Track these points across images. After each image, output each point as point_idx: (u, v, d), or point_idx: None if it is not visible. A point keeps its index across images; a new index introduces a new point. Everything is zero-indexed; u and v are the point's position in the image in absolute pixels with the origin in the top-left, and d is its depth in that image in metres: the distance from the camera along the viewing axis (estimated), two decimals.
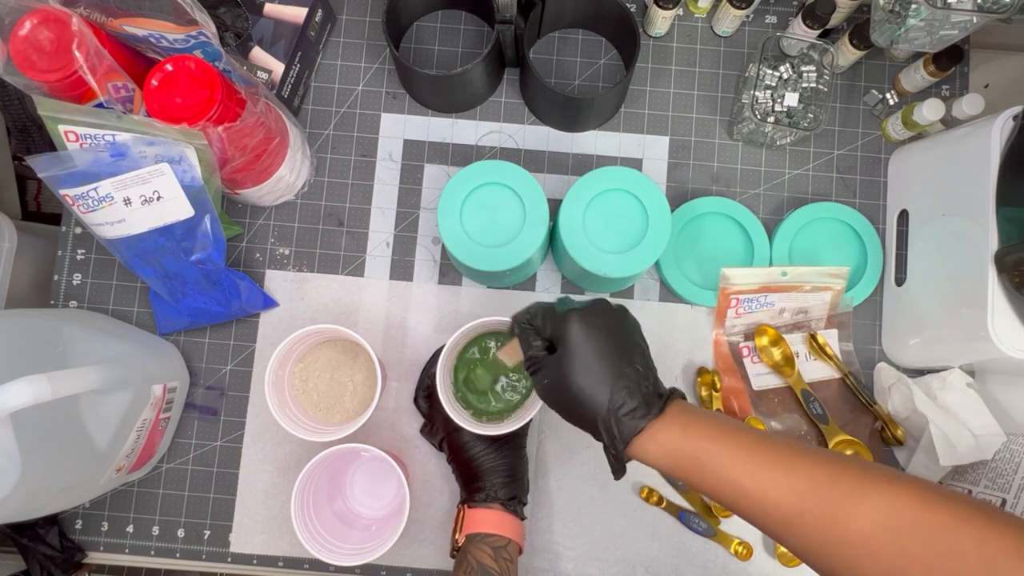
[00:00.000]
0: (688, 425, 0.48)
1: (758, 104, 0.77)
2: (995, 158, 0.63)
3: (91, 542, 0.77)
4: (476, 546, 0.63)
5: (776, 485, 0.43)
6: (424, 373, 0.75)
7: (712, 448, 0.47)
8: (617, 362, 0.50)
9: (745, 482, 0.45)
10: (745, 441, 0.46)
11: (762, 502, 0.44)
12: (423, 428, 0.75)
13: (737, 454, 0.46)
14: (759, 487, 0.44)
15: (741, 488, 0.45)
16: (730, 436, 0.47)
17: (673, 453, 0.48)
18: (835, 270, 0.76)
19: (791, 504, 0.42)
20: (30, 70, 0.60)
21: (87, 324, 0.70)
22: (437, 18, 0.83)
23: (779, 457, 0.45)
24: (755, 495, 0.44)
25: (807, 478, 0.43)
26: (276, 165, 0.73)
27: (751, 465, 0.45)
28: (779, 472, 0.44)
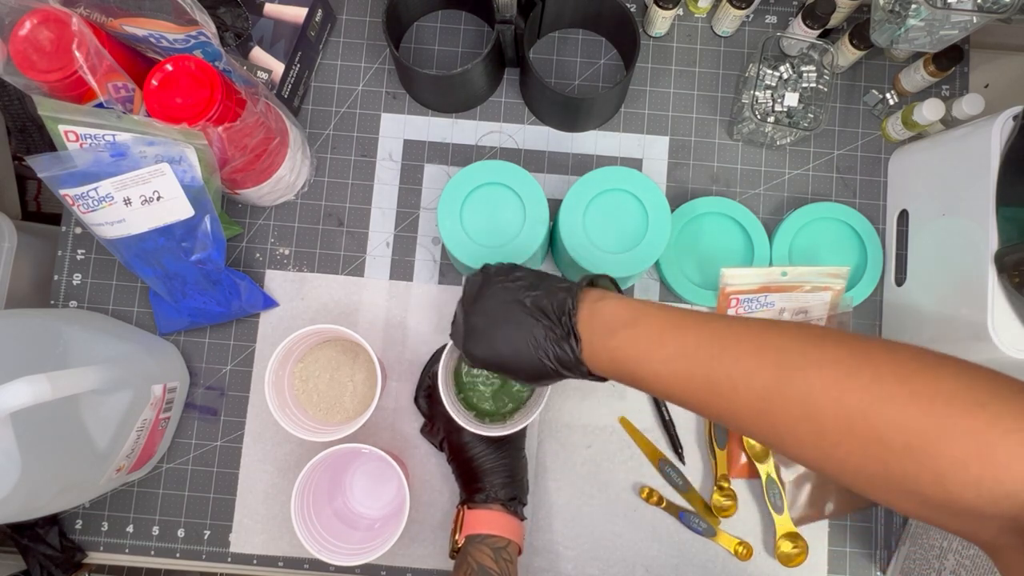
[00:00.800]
0: (614, 347, 0.46)
1: (758, 104, 0.77)
2: (995, 158, 0.63)
3: (91, 542, 0.77)
4: (476, 547, 0.63)
5: (750, 386, 0.40)
6: (424, 373, 0.75)
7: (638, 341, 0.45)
8: (519, 335, 0.49)
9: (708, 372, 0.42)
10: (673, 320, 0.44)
11: (741, 407, 0.41)
12: (423, 428, 0.75)
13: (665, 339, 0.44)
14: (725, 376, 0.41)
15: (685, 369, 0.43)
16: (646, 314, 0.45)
17: (612, 372, 0.47)
18: (835, 270, 0.76)
19: (772, 409, 0.40)
20: (30, 70, 0.59)
21: (87, 324, 0.70)
22: (437, 18, 0.83)
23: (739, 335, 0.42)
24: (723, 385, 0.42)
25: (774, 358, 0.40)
26: (276, 165, 0.73)
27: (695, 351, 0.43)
28: (749, 368, 0.41)
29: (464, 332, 0.53)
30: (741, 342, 0.41)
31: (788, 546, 0.74)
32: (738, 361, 0.41)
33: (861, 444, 0.36)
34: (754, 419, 0.40)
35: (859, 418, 0.36)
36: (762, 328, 0.42)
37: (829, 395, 0.37)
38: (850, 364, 0.37)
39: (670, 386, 0.44)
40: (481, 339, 0.52)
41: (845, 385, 0.37)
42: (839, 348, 0.39)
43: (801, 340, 0.40)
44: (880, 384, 0.36)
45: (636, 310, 0.47)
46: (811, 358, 0.39)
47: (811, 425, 0.38)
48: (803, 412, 0.38)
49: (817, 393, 0.38)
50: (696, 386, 0.43)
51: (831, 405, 0.37)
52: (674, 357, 0.43)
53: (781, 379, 0.39)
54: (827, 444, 0.37)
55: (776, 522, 0.74)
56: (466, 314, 0.53)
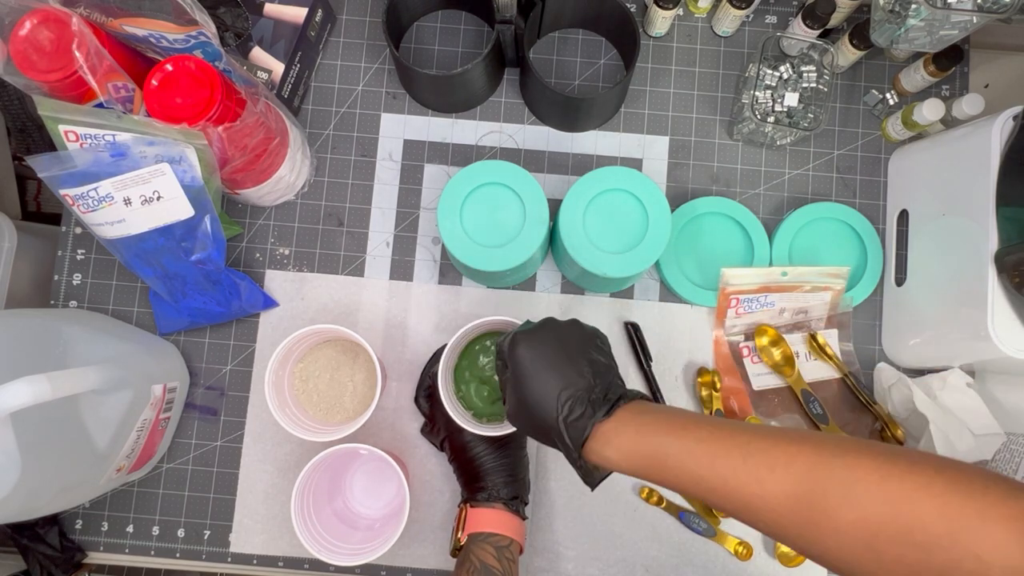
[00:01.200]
0: (643, 424, 0.47)
1: (758, 104, 0.77)
2: (995, 158, 0.63)
3: (91, 542, 0.77)
4: (479, 545, 0.63)
5: (768, 482, 0.41)
6: (425, 373, 0.75)
7: (673, 444, 0.46)
8: (563, 373, 0.50)
9: (711, 477, 0.44)
10: (703, 434, 0.45)
11: (757, 505, 0.42)
12: (424, 428, 0.75)
13: (696, 449, 0.45)
14: (728, 480, 0.43)
15: (710, 484, 0.44)
16: (688, 430, 0.46)
17: (630, 454, 0.47)
18: (835, 270, 0.76)
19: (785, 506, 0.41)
20: (30, 70, 0.60)
21: (87, 324, 0.70)
22: (437, 18, 0.83)
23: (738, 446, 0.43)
24: (738, 492, 0.43)
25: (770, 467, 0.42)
26: (276, 165, 0.73)
27: (711, 460, 0.44)
28: (767, 464, 0.42)
29: (530, 329, 0.54)
30: (776, 433, 0.43)
31: None
32: (775, 446, 0.42)
33: (905, 531, 0.36)
34: (789, 506, 0.40)
35: (903, 504, 0.37)
36: (794, 429, 0.45)
37: (871, 479, 0.38)
38: (888, 456, 0.39)
39: (689, 474, 0.45)
40: (535, 342, 0.53)
41: (886, 471, 0.38)
42: (872, 445, 0.40)
43: (835, 438, 0.42)
44: (920, 474, 0.37)
45: (663, 407, 0.49)
46: (850, 448, 0.40)
47: (853, 511, 0.38)
48: (845, 496, 0.38)
49: (860, 477, 0.38)
50: (729, 471, 0.43)
51: (875, 491, 0.38)
52: (698, 442, 0.45)
53: (822, 463, 0.40)
54: (868, 531, 0.38)
55: None
56: (546, 320, 0.55)
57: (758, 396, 0.77)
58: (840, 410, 0.77)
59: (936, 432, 0.68)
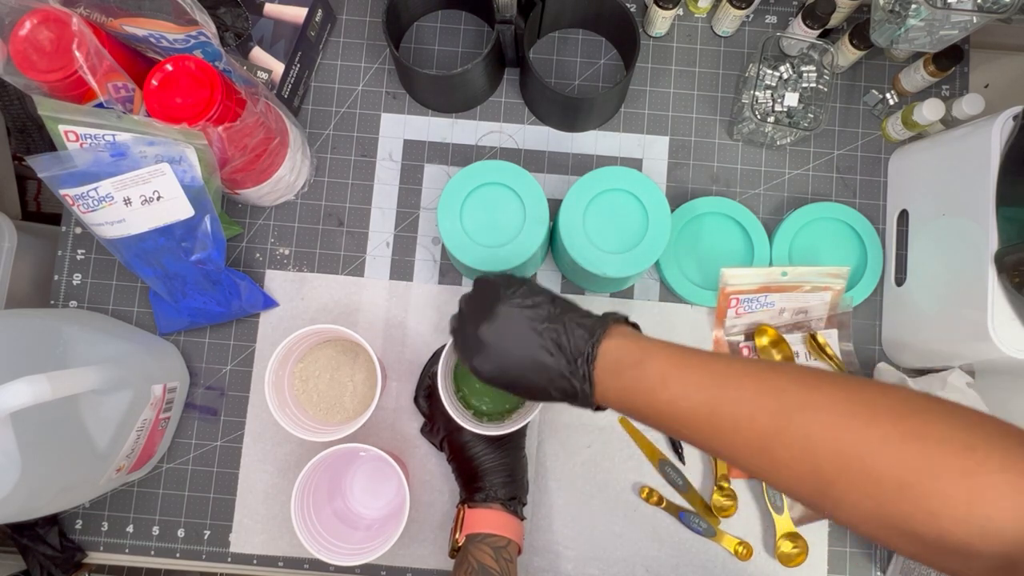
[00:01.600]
0: (624, 389, 0.47)
1: (758, 104, 0.77)
2: (995, 158, 0.63)
3: (91, 542, 0.77)
4: (476, 546, 0.63)
5: (751, 427, 0.42)
6: (424, 373, 0.75)
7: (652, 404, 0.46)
8: (532, 372, 0.50)
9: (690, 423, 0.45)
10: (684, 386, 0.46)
11: (740, 446, 0.43)
12: (423, 428, 0.75)
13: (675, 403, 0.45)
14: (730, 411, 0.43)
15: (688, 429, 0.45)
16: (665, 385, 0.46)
17: (622, 407, 0.48)
18: (835, 270, 0.76)
19: (772, 448, 0.42)
20: (30, 70, 0.59)
21: (87, 324, 0.70)
22: (437, 18, 0.83)
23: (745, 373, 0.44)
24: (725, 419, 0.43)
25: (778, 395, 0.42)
26: (276, 165, 0.73)
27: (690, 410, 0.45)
28: (749, 411, 0.43)
29: (472, 347, 0.52)
30: (743, 384, 0.43)
31: (788, 546, 0.74)
32: (740, 402, 0.43)
33: (857, 483, 0.38)
34: (754, 457, 0.42)
35: (855, 458, 0.38)
36: (762, 370, 0.45)
37: (827, 436, 0.39)
38: (847, 406, 0.40)
39: (673, 423, 0.46)
40: (490, 358, 0.51)
41: (842, 426, 0.39)
42: (836, 391, 0.41)
43: (800, 383, 0.42)
44: (876, 426, 0.38)
45: (643, 349, 0.48)
46: (810, 400, 0.41)
47: (809, 464, 0.40)
48: (802, 452, 0.40)
49: (816, 434, 0.40)
50: (698, 425, 0.44)
51: (829, 445, 0.39)
52: (678, 398, 0.45)
53: (781, 420, 0.41)
54: (824, 483, 0.39)
55: (776, 522, 0.74)
56: (475, 328, 0.52)
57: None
58: None
59: None
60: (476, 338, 0.52)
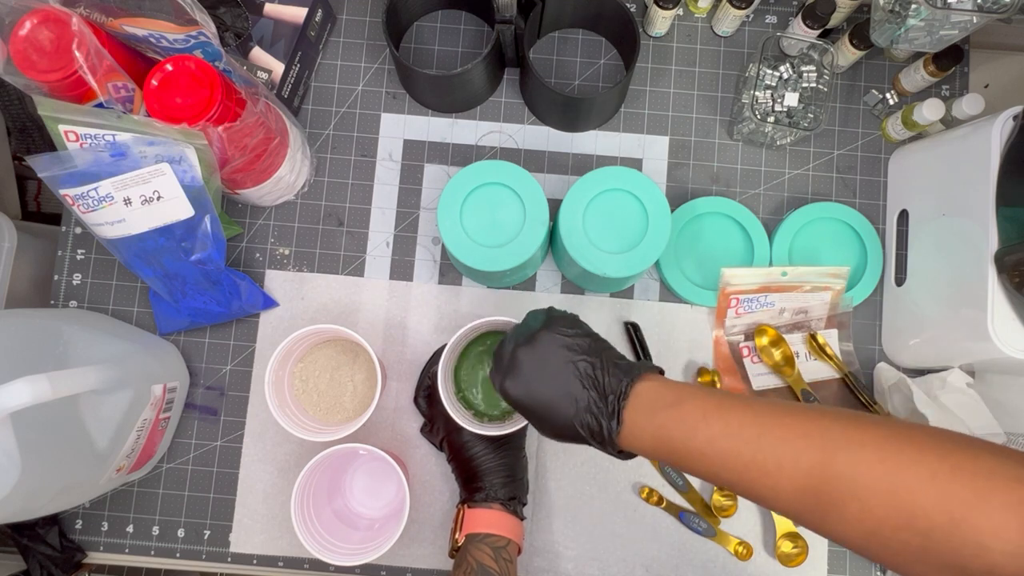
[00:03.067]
0: (658, 428, 0.47)
1: (758, 104, 0.77)
2: (995, 158, 0.63)
3: (91, 542, 0.77)
4: (476, 546, 0.63)
5: (795, 468, 0.42)
6: (424, 373, 0.75)
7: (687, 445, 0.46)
8: (563, 404, 0.50)
9: (726, 474, 0.44)
10: (714, 432, 0.45)
11: (784, 488, 0.42)
12: (423, 428, 0.75)
13: (708, 450, 0.45)
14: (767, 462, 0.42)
15: (726, 479, 0.44)
16: (699, 429, 0.46)
17: (652, 451, 0.48)
18: (835, 270, 0.76)
19: (815, 486, 0.41)
20: (30, 70, 0.59)
21: (87, 324, 0.70)
22: (437, 18, 0.83)
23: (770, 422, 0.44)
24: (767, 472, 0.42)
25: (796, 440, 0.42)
26: (276, 165, 0.73)
27: (723, 459, 0.44)
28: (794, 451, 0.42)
29: (507, 367, 0.53)
30: (785, 423, 0.43)
31: (788, 546, 0.74)
32: (784, 441, 0.42)
33: (906, 519, 0.37)
34: (799, 498, 0.42)
35: (904, 494, 0.38)
36: (804, 410, 0.44)
37: (875, 472, 0.39)
38: (892, 443, 0.39)
39: (714, 465, 0.45)
40: (522, 381, 0.52)
41: (891, 463, 0.39)
42: (879, 428, 0.41)
43: (843, 422, 0.42)
44: (923, 463, 0.38)
45: (680, 391, 0.48)
46: (854, 438, 0.41)
47: (857, 503, 0.39)
48: (849, 489, 0.39)
49: (863, 471, 0.39)
50: (741, 465, 0.44)
51: (877, 483, 0.38)
52: (719, 437, 0.45)
53: (827, 458, 0.40)
54: (872, 521, 0.39)
55: (776, 522, 0.74)
56: (513, 349, 0.53)
57: (758, 396, 0.77)
58: None
59: None
60: (513, 359, 0.52)
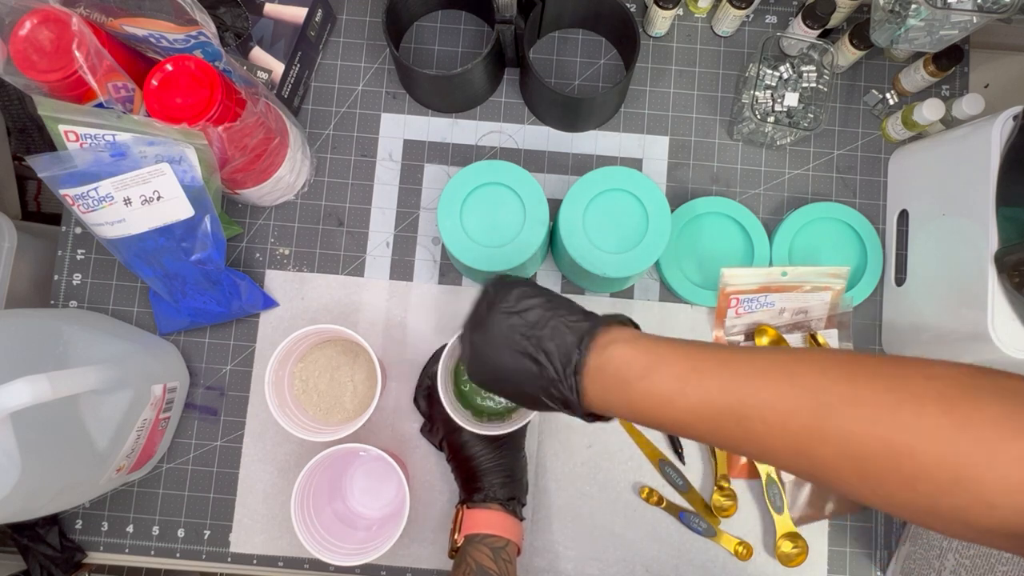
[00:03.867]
0: (610, 389, 0.44)
1: (758, 104, 0.77)
2: (995, 158, 0.63)
3: (91, 542, 0.77)
4: (475, 547, 0.63)
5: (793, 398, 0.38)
6: (424, 373, 0.75)
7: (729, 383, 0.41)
8: (521, 377, 0.47)
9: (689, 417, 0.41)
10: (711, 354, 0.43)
11: (780, 421, 0.39)
12: (423, 428, 0.75)
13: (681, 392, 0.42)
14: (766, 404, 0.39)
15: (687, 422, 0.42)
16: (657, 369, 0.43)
17: (617, 410, 0.45)
18: (835, 270, 0.76)
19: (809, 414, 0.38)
20: (30, 70, 0.59)
21: (87, 324, 0.70)
22: (437, 18, 0.83)
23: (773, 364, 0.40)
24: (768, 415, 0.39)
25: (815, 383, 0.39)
26: (276, 165, 0.73)
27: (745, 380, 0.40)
28: (785, 384, 0.39)
29: (466, 353, 0.51)
30: (769, 382, 0.40)
31: (788, 546, 0.74)
32: (771, 404, 0.39)
33: (908, 481, 0.35)
34: (793, 459, 0.39)
35: (906, 455, 0.35)
36: (789, 363, 0.41)
37: (872, 434, 0.36)
38: (889, 399, 0.36)
39: (697, 432, 0.42)
40: (481, 364, 0.50)
41: (887, 423, 0.36)
42: (875, 381, 0.37)
43: (834, 376, 0.39)
44: (924, 418, 0.35)
45: (650, 356, 0.44)
46: (848, 394, 0.37)
47: (854, 465, 0.37)
48: (845, 452, 0.37)
49: (859, 434, 0.36)
50: (727, 431, 0.41)
51: (874, 444, 0.36)
52: (699, 405, 0.41)
53: (818, 421, 0.38)
54: (872, 482, 0.36)
55: (776, 522, 0.74)
56: (469, 335, 0.51)
57: None
58: None
59: None
60: (468, 345, 0.51)
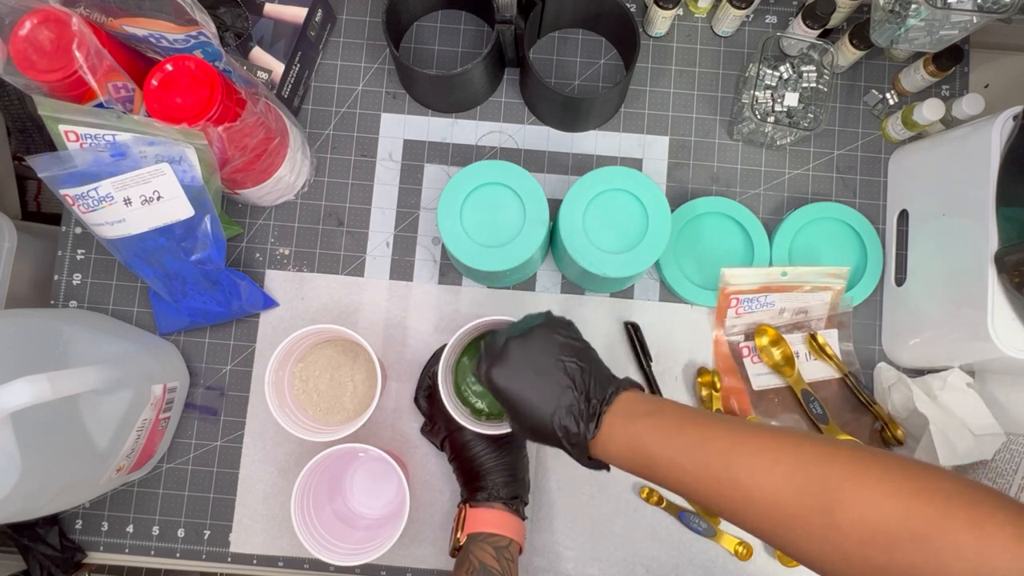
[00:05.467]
0: (634, 435, 0.49)
1: (758, 104, 0.77)
2: (995, 158, 0.63)
3: (91, 542, 0.77)
4: (478, 546, 0.63)
5: (767, 479, 0.43)
6: (425, 373, 0.75)
7: (664, 452, 0.47)
8: (543, 399, 0.51)
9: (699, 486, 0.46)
10: (691, 439, 0.47)
11: (756, 499, 0.44)
12: (423, 427, 0.75)
13: (682, 459, 0.46)
14: (751, 482, 0.44)
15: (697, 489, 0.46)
16: (674, 437, 0.47)
17: (626, 461, 0.49)
18: (835, 270, 0.76)
19: (787, 499, 0.43)
20: (30, 70, 0.59)
21: (87, 324, 0.70)
22: (437, 18, 0.83)
23: (766, 445, 0.45)
24: (753, 492, 0.44)
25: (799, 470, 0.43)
26: (276, 165, 0.73)
27: (698, 471, 0.46)
28: (767, 462, 0.44)
29: (496, 356, 0.53)
30: (759, 438, 0.45)
31: None
32: (757, 454, 0.44)
33: (870, 534, 0.39)
34: (769, 513, 0.43)
35: (871, 509, 0.39)
36: (777, 428, 0.46)
37: (844, 488, 0.40)
38: (862, 460, 0.41)
39: (686, 476, 0.46)
40: (508, 371, 0.53)
41: (859, 479, 0.40)
42: (854, 449, 0.43)
43: (814, 440, 0.44)
44: (890, 480, 0.40)
45: (657, 403, 0.50)
46: (828, 454, 0.42)
47: (824, 518, 0.40)
48: (818, 504, 0.41)
49: (833, 485, 0.41)
50: (713, 477, 0.45)
51: (846, 497, 0.40)
52: (692, 446, 0.46)
53: (798, 472, 0.42)
54: (838, 534, 0.40)
55: None
56: (508, 340, 0.54)
57: (758, 396, 0.77)
58: (840, 410, 0.77)
59: (936, 432, 0.68)
60: (504, 349, 0.53)
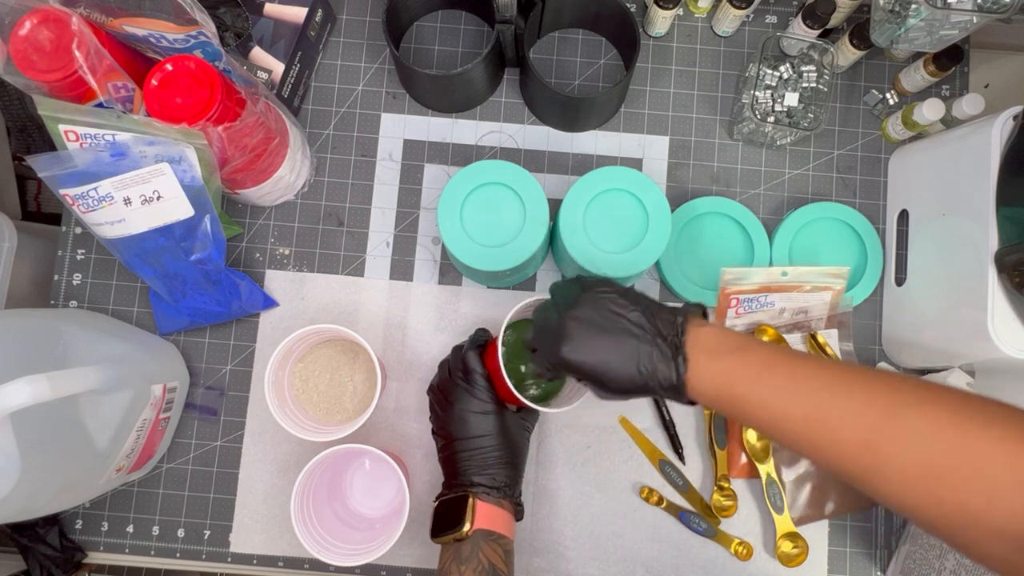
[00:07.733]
0: (720, 372, 0.47)
1: (758, 104, 0.77)
2: (995, 158, 0.63)
3: (91, 542, 0.77)
4: (489, 545, 0.61)
5: (859, 420, 0.41)
6: (472, 341, 0.68)
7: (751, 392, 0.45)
8: (623, 359, 0.50)
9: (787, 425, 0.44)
10: (777, 381, 0.45)
11: (845, 441, 0.42)
12: (431, 387, 0.69)
13: (771, 398, 0.44)
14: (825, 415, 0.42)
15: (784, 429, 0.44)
16: (763, 377, 0.45)
17: (714, 400, 0.47)
18: (835, 270, 0.76)
19: (878, 442, 0.41)
20: (30, 70, 0.59)
21: (87, 324, 0.70)
22: (437, 18, 0.83)
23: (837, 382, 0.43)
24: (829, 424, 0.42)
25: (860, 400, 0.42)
26: (276, 165, 0.73)
27: (785, 408, 0.44)
28: (858, 404, 0.41)
29: (560, 335, 0.52)
30: (852, 377, 0.43)
31: (788, 546, 0.74)
32: (850, 394, 0.42)
33: (970, 480, 0.37)
34: (858, 454, 0.41)
35: (972, 455, 0.37)
36: (870, 370, 0.44)
37: (943, 432, 0.38)
38: (964, 406, 0.39)
39: (775, 415, 0.44)
40: (579, 345, 0.51)
41: (958, 424, 0.38)
42: (950, 394, 0.40)
43: (911, 381, 0.42)
44: (993, 426, 0.37)
45: (744, 338, 0.48)
46: (926, 398, 0.40)
47: (920, 460, 0.38)
48: (912, 447, 0.39)
49: (930, 430, 0.38)
50: (803, 416, 0.43)
51: (943, 443, 0.38)
52: (783, 385, 0.44)
53: (893, 414, 0.40)
54: (933, 480, 0.38)
55: (776, 522, 0.74)
56: (563, 316, 0.52)
57: None
58: None
59: None
60: (563, 325, 0.52)
